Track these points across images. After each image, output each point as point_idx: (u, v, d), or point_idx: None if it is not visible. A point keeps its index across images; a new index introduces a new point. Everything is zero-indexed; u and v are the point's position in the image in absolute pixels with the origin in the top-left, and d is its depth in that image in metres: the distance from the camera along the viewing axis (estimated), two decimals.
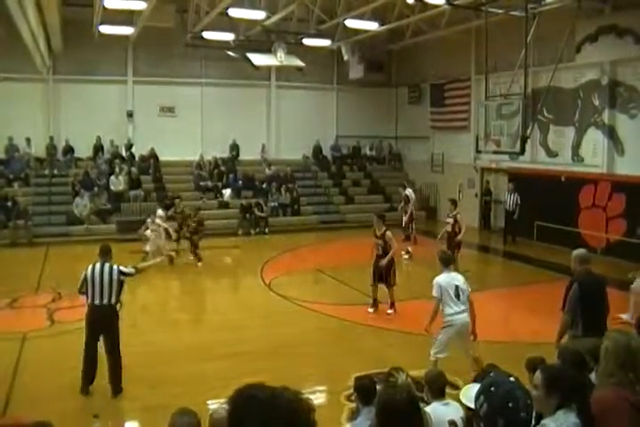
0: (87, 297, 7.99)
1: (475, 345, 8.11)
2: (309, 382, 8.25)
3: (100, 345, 8.04)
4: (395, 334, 10.69)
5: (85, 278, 7.96)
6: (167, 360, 9.12)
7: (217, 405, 6.96)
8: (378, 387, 4.66)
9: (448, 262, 8.28)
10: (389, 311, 11.72)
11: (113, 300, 7.95)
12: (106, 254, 8.18)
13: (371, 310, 11.81)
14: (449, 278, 7.99)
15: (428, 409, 4.49)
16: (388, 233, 11.63)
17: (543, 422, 3.52)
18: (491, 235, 21.38)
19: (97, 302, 7.91)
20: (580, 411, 3.53)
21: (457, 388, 7.00)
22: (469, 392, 4.00)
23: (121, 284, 8.01)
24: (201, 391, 7.80)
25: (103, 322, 7.97)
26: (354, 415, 4.98)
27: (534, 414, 3.54)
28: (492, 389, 2.92)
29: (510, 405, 2.81)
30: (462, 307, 7.90)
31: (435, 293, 7.88)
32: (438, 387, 4.98)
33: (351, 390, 5.75)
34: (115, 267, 8.02)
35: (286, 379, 2.45)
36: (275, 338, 10.32)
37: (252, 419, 2.06)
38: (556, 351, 5.26)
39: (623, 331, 4.12)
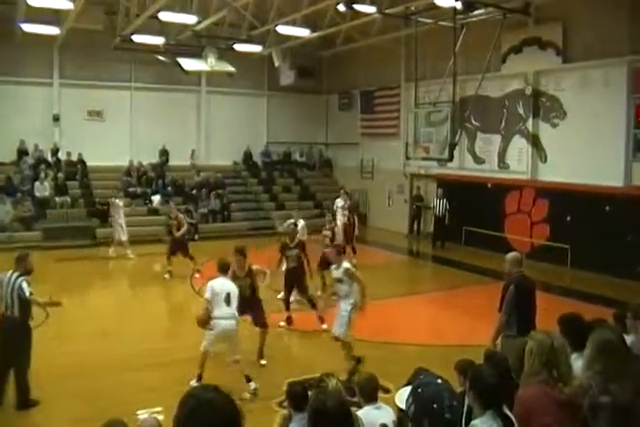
0: None
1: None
2: (240, 389, 8.18)
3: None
4: (324, 339, 10.70)
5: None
6: (97, 371, 8.89)
7: (146, 414, 6.84)
8: (310, 393, 4.67)
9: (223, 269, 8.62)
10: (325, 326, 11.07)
11: (15, 312, 7.59)
12: (17, 263, 7.83)
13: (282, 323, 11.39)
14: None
15: (359, 413, 4.51)
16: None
17: (473, 422, 3.60)
18: (420, 240, 21.70)
19: (2, 310, 7.67)
20: (496, 412, 3.63)
21: (388, 391, 7.08)
22: (403, 395, 4.06)
23: (20, 298, 7.58)
24: (131, 402, 7.64)
25: (4, 333, 7.66)
26: (286, 422, 4.96)
27: (465, 413, 3.62)
28: (420, 390, 2.98)
29: (435, 406, 2.88)
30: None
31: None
32: (370, 391, 5.01)
33: (283, 397, 5.73)
34: (19, 279, 7.64)
35: None
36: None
37: (188, 417, 2.24)
38: (484, 354, 5.38)
39: (547, 332, 4.25)
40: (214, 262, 9.08)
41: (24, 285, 7.62)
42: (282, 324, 11.36)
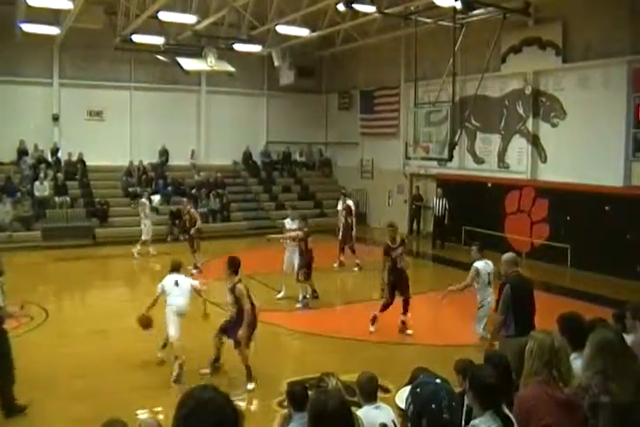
0: None
1: None
2: (240, 388, 8.18)
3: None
4: (324, 339, 10.71)
5: None
6: (97, 371, 8.88)
7: (146, 415, 6.84)
8: (310, 392, 4.66)
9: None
10: (410, 332, 10.99)
11: None
12: None
13: (372, 328, 10.91)
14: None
15: (359, 413, 4.51)
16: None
17: (473, 422, 3.60)
18: (420, 240, 21.68)
19: None
20: (495, 412, 3.62)
21: (388, 391, 7.07)
22: (403, 394, 4.05)
23: None
24: (131, 402, 7.63)
25: None
26: (286, 421, 4.96)
27: (464, 413, 3.61)
28: (418, 390, 2.97)
29: (433, 406, 2.86)
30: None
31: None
32: (369, 391, 5.00)
33: (283, 396, 5.73)
34: None
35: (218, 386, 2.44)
36: (205, 345, 10.19)
37: (187, 418, 2.22)
38: (484, 354, 5.38)
39: (547, 331, 4.25)
40: (214, 262, 9.09)
41: None
42: (372, 329, 10.89)
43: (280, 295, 13.32)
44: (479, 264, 9.63)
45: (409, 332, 10.93)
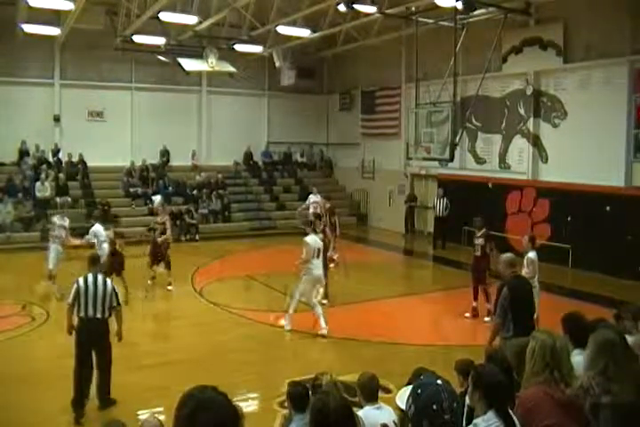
0: (78, 310, 7.53)
1: None
2: (241, 389, 8.17)
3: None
4: (324, 339, 10.70)
5: (78, 290, 7.48)
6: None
7: (148, 414, 6.83)
8: (309, 393, 4.66)
9: None
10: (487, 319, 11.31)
11: (105, 314, 7.60)
12: (94, 264, 7.86)
13: (468, 314, 11.85)
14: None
15: (360, 413, 4.50)
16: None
17: (475, 421, 3.58)
18: (417, 240, 21.65)
19: (90, 314, 7.52)
20: (499, 411, 3.60)
21: (389, 392, 7.07)
22: (404, 395, 4.04)
23: (111, 302, 7.64)
24: (131, 402, 7.63)
25: (95, 336, 7.59)
26: (287, 422, 4.95)
27: (465, 413, 3.60)
28: (419, 391, 2.97)
29: (434, 407, 2.86)
30: None
31: None
32: (370, 391, 4.99)
33: (283, 397, 5.73)
34: (110, 284, 7.66)
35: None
36: (206, 346, 10.20)
37: (187, 418, 2.23)
38: (484, 354, 5.37)
39: (548, 332, 4.24)
40: (217, 262, 9.07)
41: (117, 292, 7.75)
42: (467, 315, 11.81)
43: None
44: (532, 254, 10.23)
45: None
